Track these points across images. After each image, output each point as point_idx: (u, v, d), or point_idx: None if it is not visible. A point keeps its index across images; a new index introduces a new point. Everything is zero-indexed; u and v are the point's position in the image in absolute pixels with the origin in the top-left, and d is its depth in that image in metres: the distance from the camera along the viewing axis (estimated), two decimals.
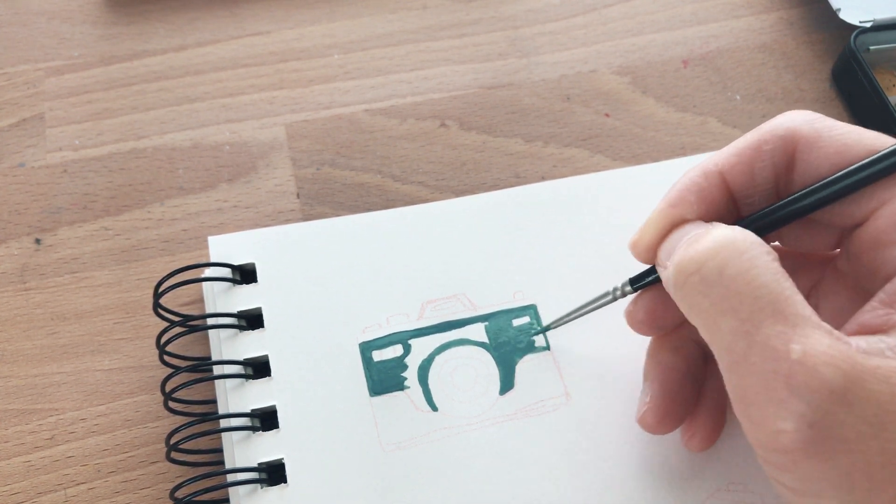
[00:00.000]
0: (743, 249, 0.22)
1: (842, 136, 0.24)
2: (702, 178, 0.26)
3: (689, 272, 0.22)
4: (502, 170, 0.40)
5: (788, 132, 0.25)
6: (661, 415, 0.28)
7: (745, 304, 0.21)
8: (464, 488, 0.30)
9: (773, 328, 0.21)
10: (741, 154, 0.26)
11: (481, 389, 0.32)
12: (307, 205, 0.38)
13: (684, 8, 0.46)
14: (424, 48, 0.44)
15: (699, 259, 0.22)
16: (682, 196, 0.26)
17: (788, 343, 0.20)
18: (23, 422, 0.33)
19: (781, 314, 0.21)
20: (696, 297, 0.22)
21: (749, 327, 0.21)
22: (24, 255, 0.36)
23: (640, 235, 0.27)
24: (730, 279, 0.21)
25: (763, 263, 0.22)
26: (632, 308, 0.29)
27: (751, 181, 0.26)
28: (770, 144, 0.25)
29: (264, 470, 0.30)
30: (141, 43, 0.42)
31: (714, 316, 0.22)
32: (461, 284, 0.34)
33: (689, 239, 0.24)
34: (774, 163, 0.25)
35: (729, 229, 0.23)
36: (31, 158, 0.39)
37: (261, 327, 0.33)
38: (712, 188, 0.26)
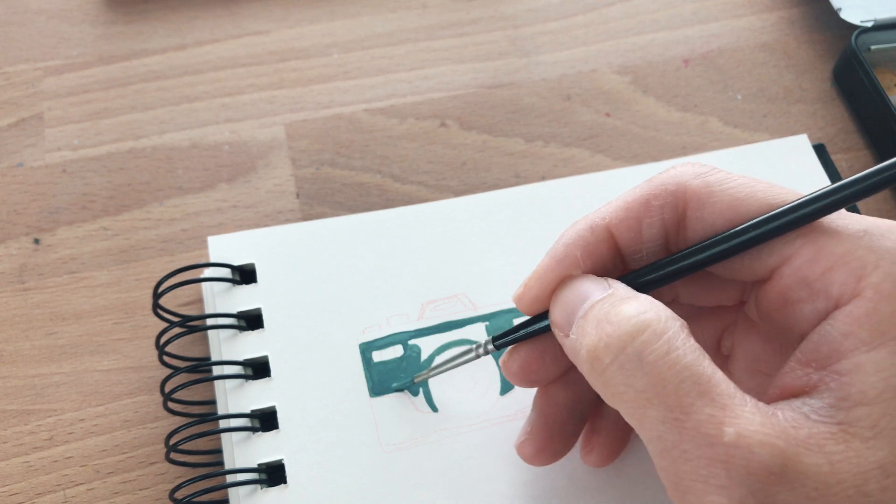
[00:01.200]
0: (660, 331, 0.21)
1: (733, 189, 0.24)
2: (588, 232, 0.25)
3: (605, 361, 0.22)
4: (502, 170, 0.40)
5: (679, 188, 0.24)
6: (539, 448, 0.28)
7: (670, 392, 0.20)
8: (464, 489, 0.30)
9: (703, 412, 0.20)
10: (629, 209, 0.25)
11: (482, 390, 0.32)
12: (307, 205, 0.38)
13: (685, 7, 0.46)
14: (424, 47, 0.43)
15: (615, 346, 0.21)
16: (568, 251, 0.25)
17: (721, 426, 0.20)
18: (21, 422, 0.33)
19: (708, 396, 0.20)
20: (617, 386, 0.21)
21: (678, 414, 0.20)
22: (22, 256, 0.36)
23: (525, 290, 0.26)
24: (651, 366, 0.21)
25: (681, 343, 0.21)
26: (506, 359, 0.28)
27: (638, 237, 0.25)
28: (659, 200, 0.24)
29: (264, 471, 0.30)
30: (140, 42, 0.42)
31: (639, 405, 0.21)
32: (461, 284, 0.34)
33: (595, 314, 0.23)
34: (664, 219, 0.25)
35: (639, 306, 0.22)
36: (29, 158, 0.39)
37: (260, 328, 0.32)
38: (599, 243, 0.25)
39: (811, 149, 0.39)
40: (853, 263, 0.21)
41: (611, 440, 0.29)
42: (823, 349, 0.21)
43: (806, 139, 0.39)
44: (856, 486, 0.19)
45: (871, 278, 0.21)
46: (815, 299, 0.22)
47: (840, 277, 0.22)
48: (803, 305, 0.22)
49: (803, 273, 0.22)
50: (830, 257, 0.22)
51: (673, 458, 0.21)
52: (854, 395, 0.20)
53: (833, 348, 0.21)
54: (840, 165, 0.41)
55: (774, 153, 0.39)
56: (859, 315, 0.21)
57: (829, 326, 0.21)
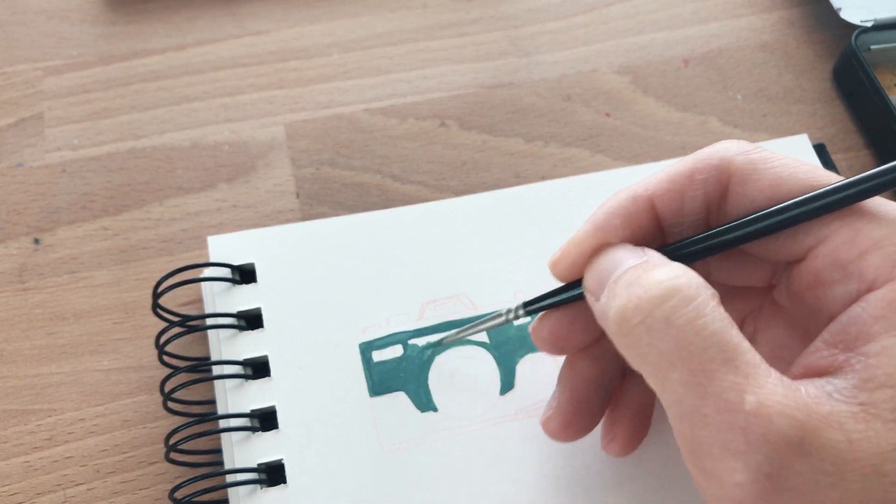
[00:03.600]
0: (690, 297, 0.21)
1: (776, 169, 0.24)
2: (631, 202, 0.25)
3: (633, 322, 0.22)
4: (502, 170, 0.40)
5: (723, 163, 0.24)
6: (565, 423, 0.28)
7: (695, 356, 0.21)
8: (464, 489, 0.30)
9: (726, 379, 0.20)
10: (673, 181, 0.25)
11: (481, 390, 0.32)
12: (307, 204, 0.38)
13: (685, 7, 0.46)
14: (424, 47, 0.43)
15: (644, 308, 0.21)
16: (609, 219, 0.25)
17: (742, 394, 0.20)
18: (21, 422, 0.33)
19: (733, 364, 0.20)
20: (642, 347, 0.22)
21: (701, 379, 0.20)
22: (22, 255, 0.36)
23: (562, 256, 0.26)
24: (678, 329, 0.21)
25: (710, 311, 0.21)
26: (537, 325, 0.28)
27: (680, 209, 0.25)
28: (703, 174, 0.24)
29: (264, 470, 0.30)
30: (140, 42, 0.42)
31: (663, 367, 0.21)
32: (461, 284, 0.34)
33: (626, 278, 0.23)
34: (706, 193, 0.25)
35: (671, 271, 0.22)
36: (29, 158, 0.39)
37: (260, 327, 0.32)
38: (640, 213, 0.25)
39: (811, 149, 0.39)
40: (890, 248, 0.22)
41: (632, 428, 0.29)
42: (852, 331, 0.21)
43: (806, 139, 0.39)
44: (873, 465, 0.20)
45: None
46: (848, 281, 0.22)
47: (875, 261, 0.22)
48: (836, 287, 0.22)
49: (838, 255, 0.22)
50: (867, 241, 0.22)
51: (692, 423, 0.21)
52: (879, 377, 0.20)
53: (862, 330, 0.21)
54: (840, 165, 0.41)
55: None
56: (892, 299, 0.21)
57: (860, 309, 0.22)
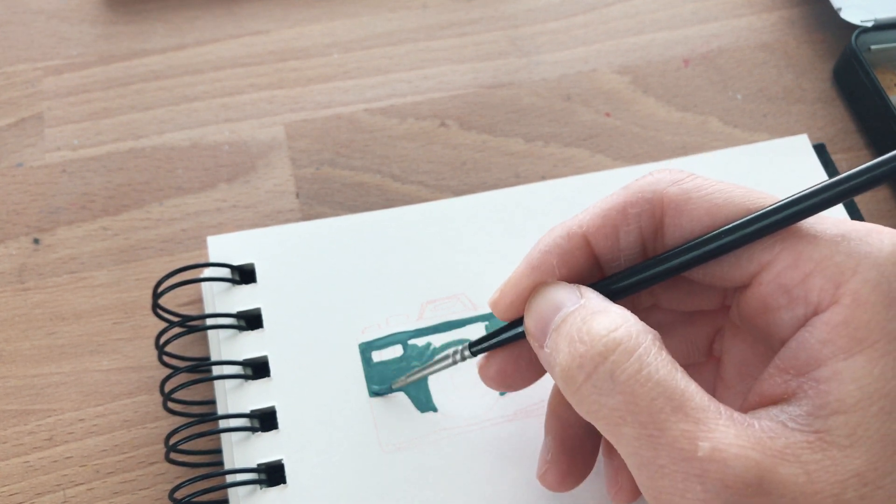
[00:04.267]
0: (631, 349, 0.21)
1: (711, 195, 0.23)
2: (565, 239, 0.25)
3: (578, 380, 0.22)
4: (502, 170, 0.40)
5: (656, 195, 0.24)
6: (562, 473, 0.27)
7: (643, 409, 0.20)
8: (464, 489, 0.30)
9: (677, 428, 0.20)
10: (606, 217, 0.24)
11: (481, 390, 0.32)
12: (306, 205, 0.38)
13: (685, 7, 0.46)
14: (424, 47, 0.43)
15: (587, 366, 0.21)
16: (544, 258, 0.25)
17: (695, 441, 0.20)
18: (21, 422, 0.33)
19: (682, 411, 0.20)
20: (591, 404, 0.21)
21: (653, 431, 0.20)
22: (22, 255, 0.36)
23: (501, 296, 0.26)
24: (623, 385, 0.21)
25: (653, 359, 0.21)
26: (483, 363, 0.28)
27: (615, 244, 0.25)
28: (636, 208, 0.24)
29: (263, 471, 0.30)
30: (140, 42, 0.42)
31: (614, 422, 0.21)
32: (461, 284, 0.34)
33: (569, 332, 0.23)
34: (641, 227, 0.24)
35: (610, 321, 0.22)
36: (29, 158, 0.39)
37: (260, 328, 0.32)
38: (574, 251, 0.25)
39: (811, 149, 0.39)
40: (831, 269, 0.21)
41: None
42: (802, 356, 0.21)
43: (806, 139, 0.39)
44: (834, 496, 0.19)
45: (849, 285, 0.21)
46: (795, 306, 0.22)
47: (818, 284, 0.21)
48: (783, 312, 0.22)
49: (782, 279, 0.22)
50: (809, 263, 0.22)
51: (650, 474, 0.20)
52: (832, 403, 0.20)
53: (811, 355, 0.21)
54: (840, 165, 0.41)
55: (774, 153, 0.39)
56: (837, 322, 0.21)
57: (808, 334, 0.21)
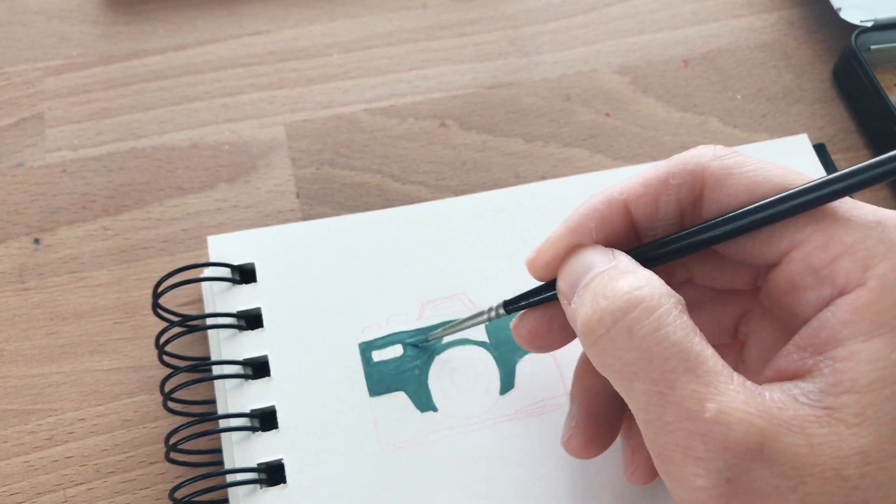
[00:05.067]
0: (651, 308, 0.22)
1: (750, 173, 0.24)
2: (605, 205, 0.25)
3: (597, 333, 0.22)
4: (502, 170, 0.40)
5: (697, 168, 0.24)
6: (587, 440, 0.28)
7: (656, 366, 0.21)
8: (464, 488, 0.30)
9: (687, 388, 0.21)
10: (648, 185, 0.25)
11: (481, 389, 0.32)
12: (307, 204, 0.38)
13: (685, 7, 0.46)
14: (424, 47, 0.43)
15: (607, 319, 0.22)
16: (583, 221, 0.25)
17: (703, 402, 0.20)
18: (22, 422, 0.33)
19: (694, 373, 0.21)
20: (607, 357, 0.22)
21: (662, 388, 0.21)
22: (23, 255, 0.36)
23: (537, 256, 0.26)
24: (640, 341, 0.21)
25: (672, 320, 0.21)
26: (517, 324, 0.28)
27: (655, 214, 0.25)
28: (678, 179, 0.25)
29: (264, 470, 0.30)
30: (140, 42, 0.42)
31: (627, 377, 0.22)
32: (461, 284, 0.34)
33: (594, 286, 0.23)
34: (680, 198, 0.25)
35: (636, 281, 0.22)
36: (30, 158, 0.39)
37: (260, 327, 0.32)
38: (614, 216, 0.25)
39: (811, 149, 0.39)
40: (861, 253, 0.22)
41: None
42: (822, 335, 0.22)
43: (806, 139, 0.39)
44: (834, 470, 0.20)
45: (877, 269, 0.21)
46: (821, 286, 0.22)
47: (846, 266, 0.22)
48: (809, 292, 0.23)
49: (812, 260, 0.22)
50: (839, 245, 0.22)
51: (656, 429, 0.21)
52: (845, 382, 0.21)
53: (831, 335, 0.21)
54: (840, 165, 0.41)
55: (774, 153, 0.39)
56: (860, 305, 0.21)
57: (830, 313, 0.22)
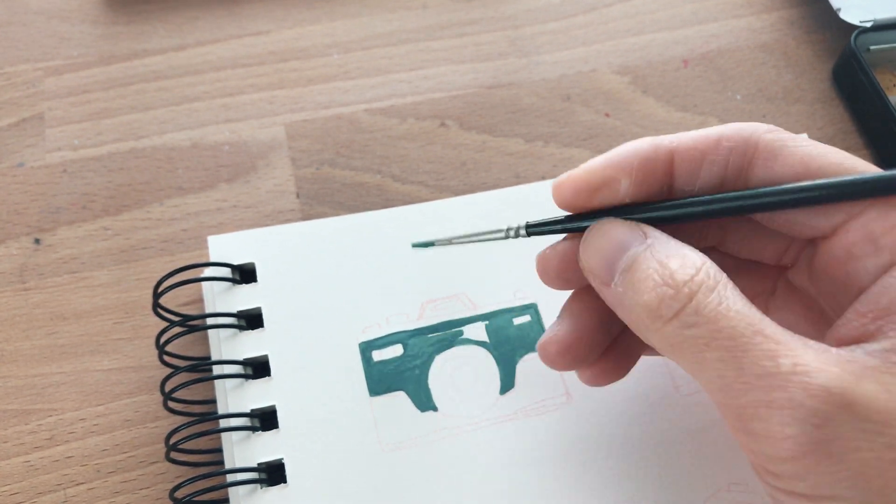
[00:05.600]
0: (712, 286, 0.22)
1: (805, 148, 0.24)
2: (652, 149, 0.25)
3: (665, 317, 0.22)
4: (502, 170, 0.40)
5: (752, 136, 0.24)
6: (563, 348, 0.27)
7: (726, 334, 0.21)
8: (464, 488, 0.30)
9: (759, 348, 0.21)
10: (698, 141, 0.25)
11: (481, 389, 0.32)
12: (307, 204, 0.38)
13: (684, 7, 0.46)
14: (424, 48, 0.43)
15: (674, 305, 0.22)
16: (626, 157, 0.25)
17: (777, 359, 0.21)
18: (22, 422, 0.33)
19: (762, 334, 0.21)
20: (675, 337, 0.22)
21: (736, 352, 0.21)
22: (23, 255, 0.36)
23: (568, 179, 0.25)
24: (707, 318, 0.22)
25: (731, 293, 0.22)
26: (548, 253, 0.27)
27: (696, 171, 0.25)
28: (731, 142, 0.25)
29: (264, 470, 0.30)
30: (140, 42, 0.42)
31: (698, 349, 0.22)
32: (461, 284, 0.34)
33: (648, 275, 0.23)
34: (728, 162, 0.25)
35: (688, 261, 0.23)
36: (30, 158, 0.39)
37: (260, 327, 0.33)
38: (658, 163, 0.25)
39: None
40: None
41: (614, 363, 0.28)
42: (883, 300, 0.22)
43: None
44: None
45: None
46: (880, 254, 0.22)
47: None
48: (867, 260, 0.23)
49: (870, 228, 0.23)
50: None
51: (734, 392, 0.21)
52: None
53: (893, 299, 0.22)
54: None
55: None
56: None
57: (892, 278, 0.22)
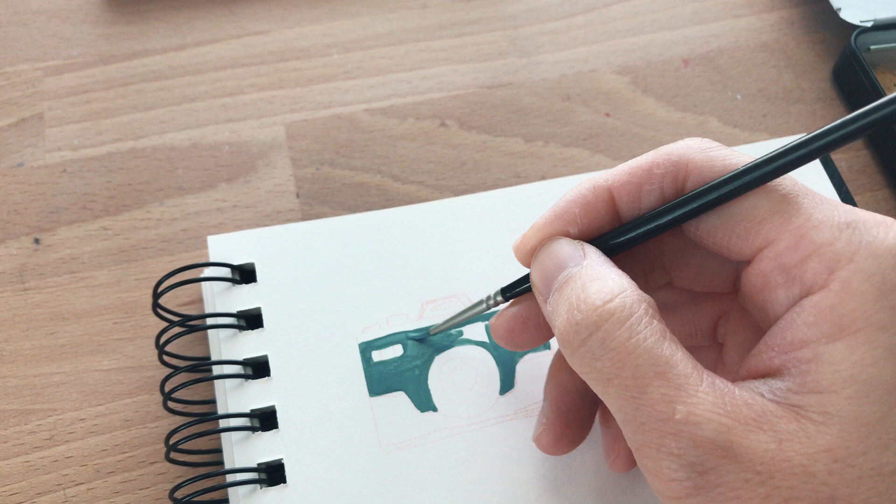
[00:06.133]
0: (623, 319, 0.22)
1: (731, 159, 0.24)
2: (590, 191, 0.26)
3: (574, 344, 0.23)
4: (502, 170, 0.40)
5: (682, 159, 0.25)
6: (556, 436, 0.29)
7: (628, 373, 0.22)
8: (464, 488, 0.30)
9: (657, 392, 0.22)
10: (632, 174, 0.25)
11: (481, 389, 0.32)
12: (307, 204, 0.38)
13: (685, 7, 0.46)
14: (424, 47, 0.43)
15: (582, 333, 0.23)
16: (569, 207, 0.26)
17: (672, 405, 0.21)
18: (22, 422, 0.33)
19: (664, 377, 0.22)
20: (583, 366, 0.23)
21: (634, 392, 0.22)
22: (23, 255, 0.36)
23: (523, 242, 0.27)
24: (613, 351, 0.22)
25: (643, 328, 0.22)
26: (494, 322, 0.29)
27: (637, 201, 0.26)
28: (661, 168, 0.25)
29: (264, 470, 0.30)
30: (140, 42, 0.42)
31: (602, 382, 0.23)
32: (461, 284, 0.34)
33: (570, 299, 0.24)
34: (663, 187, 0.25)
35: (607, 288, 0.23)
36: (30, 158, 0.39)
37: (260, 327, 0.32)
38: (598, 203, 0.26)
39: None
40: (829, 255, 0.22)
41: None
42: (788, 336, 0.22)
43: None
44: (802, 466, 0.20)
45: (842, 272, 0.22)
46: (791, 286, 0.23)
47: (814, 267, 0.22)
48: (780, 290, 0.23)
49: (783, 258, 0.23)
50: (810, 246, 0.22)
51: (633, 429, 0.22)
52: (810, 383, 0.21)
53: (796, 336, 0.22)
54: (840, 165, 0.41)
55: None
56: (824, 307, 0.22)
57: (795, 314, 0.22)
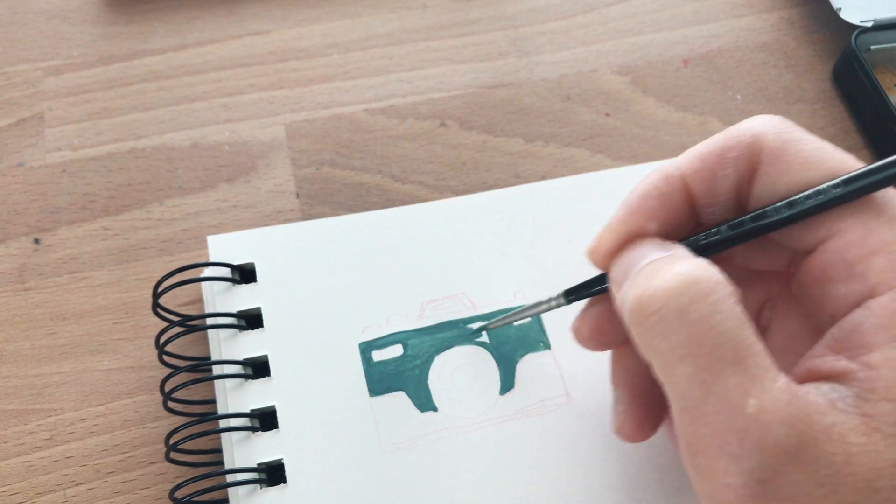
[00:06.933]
0: (707, 292, 0.21)
1: (807, 152, 0.23)
2: (663, 182, 0.24)
3: (648, 310, 0.21)
4: (502, 170, 0.40)
5: (755, 140, 0.24)
6: (638, 422, 0.27)
7: (704, 352, 0.20)
8: (464, 488, 0.30)
9: (732, 379, 0.20)
10: (704, 160, 0.24)
11: (481, 389, 0.32)
12: (307, 204, 0.38)
13: (685, 7, 0.46)
14: (424, 48, 0.43)
15: (660, 298, 0.21)
16: (643, 202, 0.24)
17: (746, 397, 0.20)
18: (22, 422, 0.33)
19: (742, 365, 0.20)
20: (654, 337, 0.21)
21: (707, 376, 0.20)
22: (23, 255, 0.36)
23: (598, 243, 0.25)
24: (691, 324, 0.21)
25: (727, 308, 0.21)
26: (577, 324, 0.27)
27: (713, 188, 0.24)
28: (735, 152, 0.24)
29: (264, 470, 0.30)
30: (140, 42, 0.42)
31: (672, 359, 0.21)
32: (461, 284, 0.34)
33: (649, 269, 0.22)
34: (738, 172, 0.24)
35: (692, 265, 0.22)
36: (30, 158, 0.39)
37: (260, 327, 0.32)
38: (674, 194, 0.24)
39: None
40: None
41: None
42: (855, 338, 0.21)
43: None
44: (867, 481, 0.19)
45: None
46: (852, 282, 0.22)
47: (880, 264, 0.21)
48: (839, 285, 0.22)
49: (846, 252, 0.22)
50: (877, 242, 0.21)
51: (693, 419, 0.21)
52: (880, 390, 0.20)
53: (864, 339, 0.21)
54: None
55: None
56: (894, 309, 0.21)
57: (863, 316, 0.21)
